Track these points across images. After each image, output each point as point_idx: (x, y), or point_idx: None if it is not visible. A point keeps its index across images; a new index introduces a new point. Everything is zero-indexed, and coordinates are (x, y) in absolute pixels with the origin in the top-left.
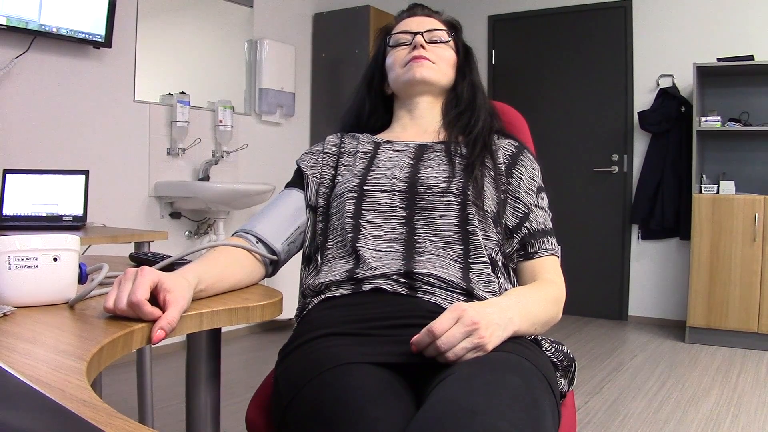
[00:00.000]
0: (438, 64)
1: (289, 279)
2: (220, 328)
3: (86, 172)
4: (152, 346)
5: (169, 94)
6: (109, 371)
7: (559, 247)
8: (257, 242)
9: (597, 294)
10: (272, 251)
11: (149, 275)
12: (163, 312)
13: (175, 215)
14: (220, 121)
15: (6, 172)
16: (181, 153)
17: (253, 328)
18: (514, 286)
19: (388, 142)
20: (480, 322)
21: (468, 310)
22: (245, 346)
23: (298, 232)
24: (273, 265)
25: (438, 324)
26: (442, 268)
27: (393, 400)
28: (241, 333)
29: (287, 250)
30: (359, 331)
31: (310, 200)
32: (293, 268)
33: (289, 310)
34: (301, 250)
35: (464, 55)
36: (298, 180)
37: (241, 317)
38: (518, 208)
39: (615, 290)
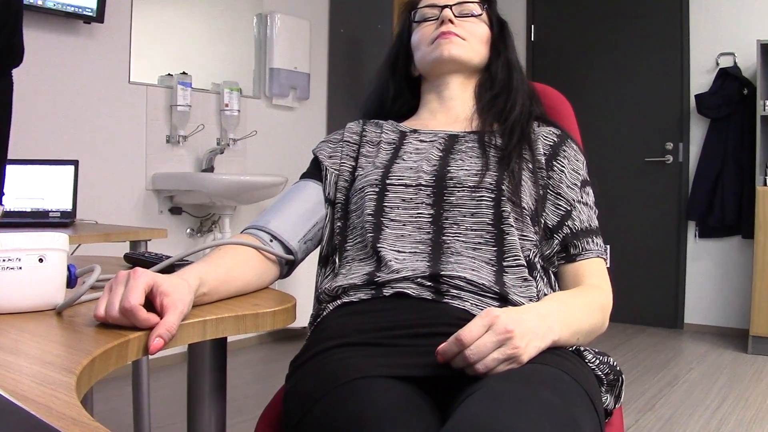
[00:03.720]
0: (469, 41)
1: (305, 282)
2: (225, 338)
3: (75, 163)
4: (150, 357)
5: (169, 74)
6: (102, 386)
7: (607, 247)
8: (271, 240)
9: (649, 299)
10: (288, 250)
11: (143, 277)
12: (161, 318)
13: (176, 211)
14: (226, 105)
15: None
16: (182, 141)
17: (263, 338)
18: (554, 292)
19: (415, 131)
20: (514, 330)
21: (501, 317)
22: (254, 358)
23: (316, 228)
24: (288, 266)
25: (467, 332)
26: (473, 270)
27: (415, 418)
28: (250, 343)
29: (304, 248)
30: (379, 340)
31: (328, 194)
32: (309, 269)
33: (304, 318)
34: (318, 250)
35: (499, 31)
36: (315, 171)
37: (250, 325)
38: (560, 204)
39: (669, 295)
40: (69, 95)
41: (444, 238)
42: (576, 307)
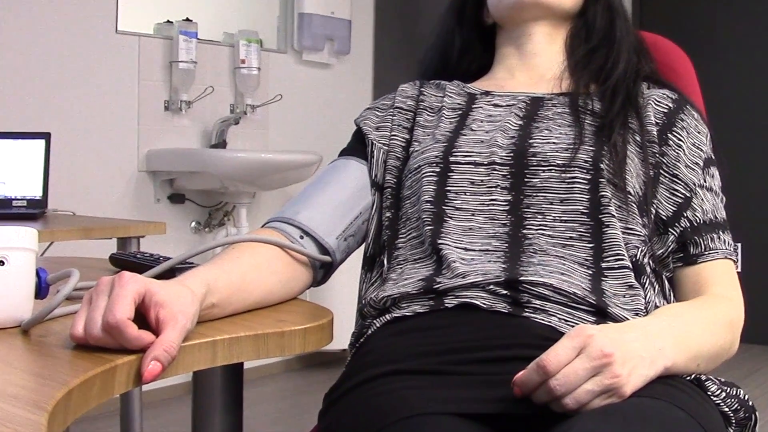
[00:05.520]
0: None
1: (344, 291)
2: (242, 364)
3: (47, 136)
4: (143, 388)
5: (168, 22)
6: (82, 425)
7: (737, 246)
8: (301, 236)
9: None
10: (323, 250)
11: (132, 284)
12: (157, 336)
13: (177, 199)
14: (243, 62)
15: None
16: (186, 108)
17: (290, 364)
18: (669, 303)
19: (487, 93)
20: (614, 353)
21: (596, 336)
22: (279, 390)
23: (360, 220)
24: (324, 270)
25: (552, 356)
26: (562, 274)
27: None
28: (274, 371)
29: (345, 247)
30: (439, 367)
31: (376, 176)
32: (350, 274)
33: (343, 338)
34: (361, 249)
35: None
36: (359, 147)
37: (274, 347)
38: (676, 189)
39: None
40: (40, 49)
41: (524, 232)
42: (696, 324)
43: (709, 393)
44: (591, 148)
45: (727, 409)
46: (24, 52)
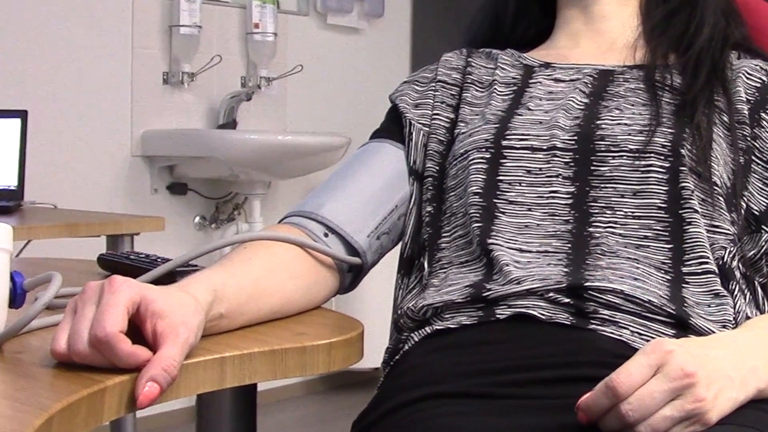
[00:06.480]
0: None
1: (377, 299)
2: (255, 385)
3: (23, 115)
4: (138, 413)
5: None
6: None
7: None
8: (326, 234)
9: None
10: (352, 250)
11: (125, 290)
12: (154, 352)
13: (178, 189)
14: (256, 26)
15: None
16: (188, 81)
17: (313, 386)
18: (762, 313)
19: (547, 65)
20: (697, 373)
21: (676, 353)
22: (299, 417)
23: (395, 215)
24: (353, 274)
25: (624, 376)
26: (635, 279)
27: None
28: (293, 393)
29: (377, 246)
30: (489, 389)
31: (414, 163)
32: (384, 278)
33: (376, 354)
34: (397, 249)
35: None
36: (394, 128)
37: (293, 365)
38: None
39: None
40: (9, 12)
41: (591, 230)
42: None
43: None
44: (670, 131)
45: None
46: (1, 18)
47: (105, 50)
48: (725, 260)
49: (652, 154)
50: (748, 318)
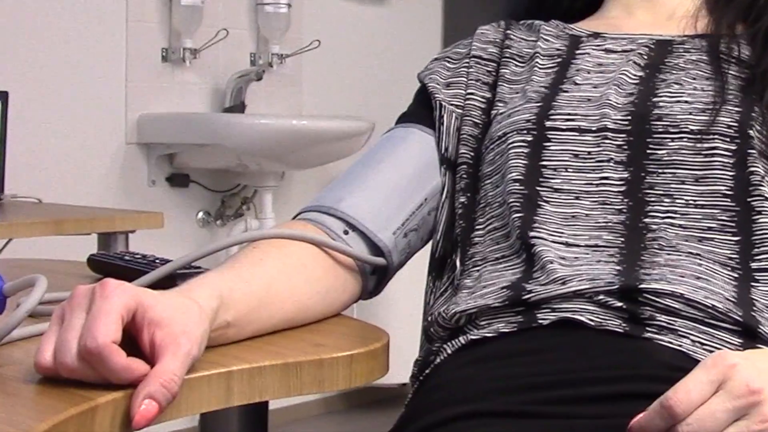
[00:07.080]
0: None
1: (404, 305)
2: (266, 403)
3: (4, 96)
4: None
5: None
6: None
7: None
8: (346, 232)
9: None
10: (375, 249)
11: (119, 296)
12: (152, 365)
13: (179, 181)
14: None
15: None
16: (191, 59)
17: (332, 404)
18: None
19: (596, 35)
20: (764, 390)
21: (740, 367)
22: None
23: (425, 209)
24: (377, 276)
25: (682, 393)
26: (697, 279)
27: None
28: (310, 412)
29: (404, 245)
30: (531, 407)
31: (446, 150)
32: (412, 281)
33: (404, 367)
34: (427, 248)
35: None
36: (423, 111)
37: (309, 381)
38: None
39: None
40: None
41: (647, 221)
42: None
43: None
44: (737, 109)
45: None
46: None
47: (96, 23)
48: None
49: (716, 136)
50: None
